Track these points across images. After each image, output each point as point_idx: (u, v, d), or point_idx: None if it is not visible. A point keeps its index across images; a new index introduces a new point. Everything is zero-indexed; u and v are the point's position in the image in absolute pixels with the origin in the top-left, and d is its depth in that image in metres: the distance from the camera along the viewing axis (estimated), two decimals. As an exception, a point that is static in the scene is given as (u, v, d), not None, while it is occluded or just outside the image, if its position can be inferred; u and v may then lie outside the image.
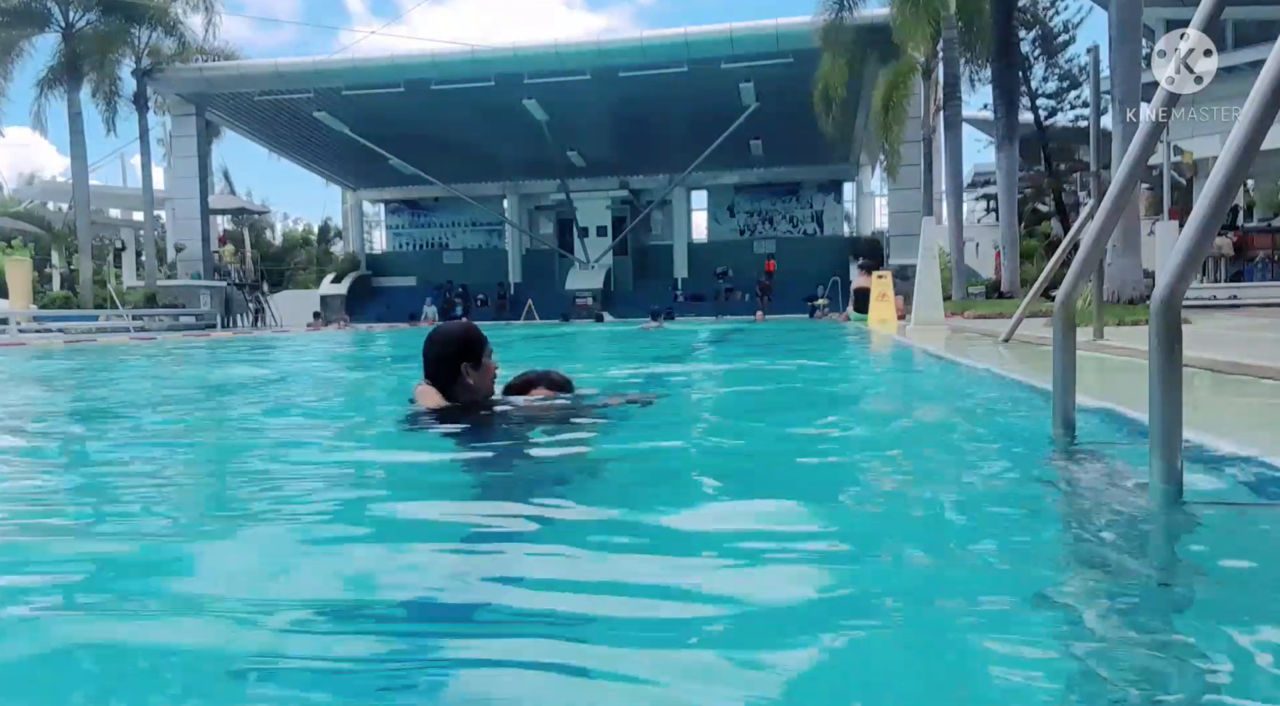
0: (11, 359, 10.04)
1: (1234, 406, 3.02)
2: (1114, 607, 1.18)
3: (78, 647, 1.12)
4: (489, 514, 1.85)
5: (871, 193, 32.23)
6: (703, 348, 9.96)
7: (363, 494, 2.13)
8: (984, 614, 1.19)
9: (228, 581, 1.38)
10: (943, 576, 1.37)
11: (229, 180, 39.10)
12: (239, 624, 1.18)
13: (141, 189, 24.33)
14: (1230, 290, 14.50)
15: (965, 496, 1.95)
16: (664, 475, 2.24)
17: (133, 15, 22.05)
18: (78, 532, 1.80)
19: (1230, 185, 1.49)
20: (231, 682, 1.01)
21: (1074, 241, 6.31)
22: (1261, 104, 1.44)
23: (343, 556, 1.53)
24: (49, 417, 4.21)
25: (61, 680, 1.03)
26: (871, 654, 1.06)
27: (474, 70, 22.64)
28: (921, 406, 3.99)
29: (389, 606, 1.27)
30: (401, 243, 34.33)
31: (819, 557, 1.48)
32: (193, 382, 6.32)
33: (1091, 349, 5.38)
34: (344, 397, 5.08)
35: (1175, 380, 1.53)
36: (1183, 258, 1.54)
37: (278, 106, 24.52)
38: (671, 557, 1.46)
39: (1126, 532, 1.54)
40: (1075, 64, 26.10)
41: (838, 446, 2.77)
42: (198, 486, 2.34)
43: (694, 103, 23.47)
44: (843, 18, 19.00)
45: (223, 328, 22.18)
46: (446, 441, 2.82)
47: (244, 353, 10.96)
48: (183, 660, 1.07)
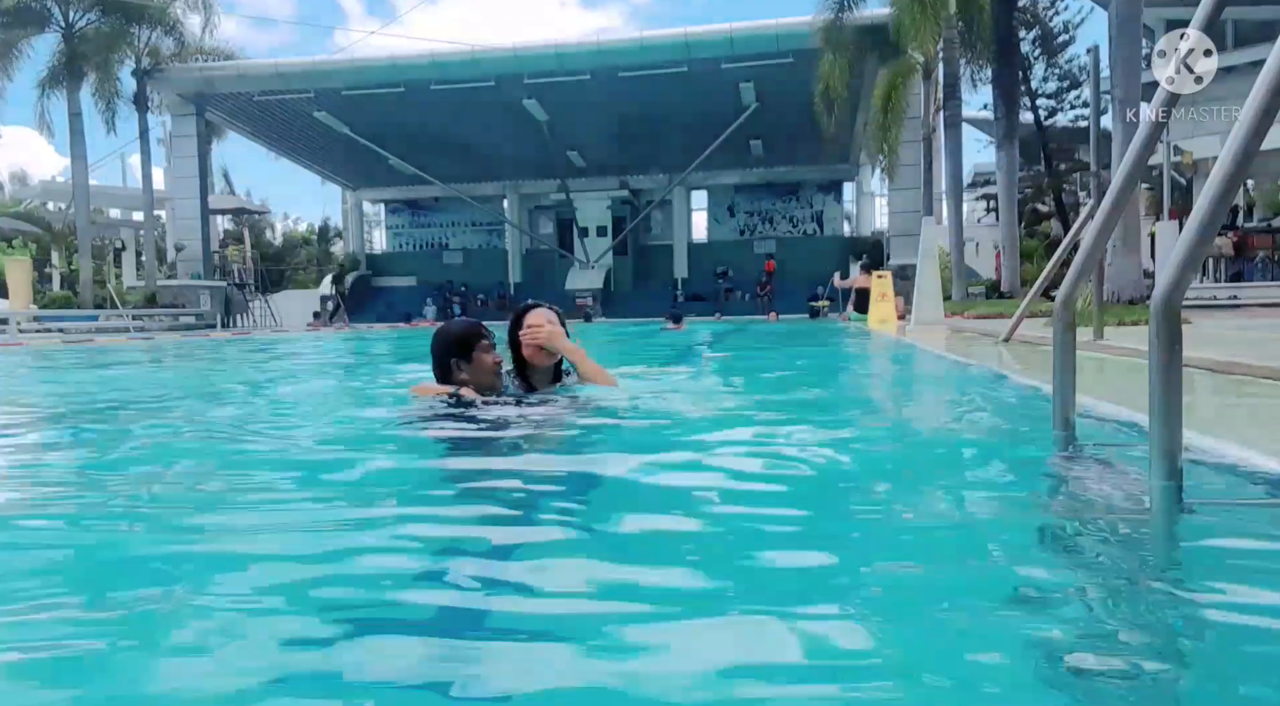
0: (11, 359, 10.04)
1: (1234, 406, 3.02)
2: (1114, 607, 1.18)
3: (70, 646, 1.12)
4: (459, 507, 1.85)
5: (871, 193, 32.24)
6: (703, 347, 9.96)
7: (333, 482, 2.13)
8: (983, 613, 1.19)
9: (225, 578, 1.38)
10: (941, 576, 1.37)
11: (229, 180, 39.13)
12: (237, 622, 1.18)
13: (141, 189, 24.32)
14: (1230, 290, 14.50)
15: (964, 496, 1.95)
16: (661, 475, 2.24)
17: (133, 15, 22.04)
18: (74, 532, 1.80)
19: (1230, 185, 1.49)
20: (234, 680, 1.01)
21: (1074, 241, 6.31)
22: (1261, 104, 1.44)
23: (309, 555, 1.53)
24: (43, 417, 4.21)
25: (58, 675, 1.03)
26: (871, 653, 1.06)
27: (474, 71, 22.64)
28: (921, 406, 3.99)
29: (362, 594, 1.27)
30: (401, 242, 34.34)
31: (818, 556, 1.48)
32: (191, 382, 6.32)
33: (1091, 349, 5.38)
34: (335, 394, 5.08)
35: (1175, 380, 1.53)
36: (1183, 258, 1.54)
37: (278, 106, 24.51)
38: (664, 557, 1.46)
39: (1126, 532, 1.54)
40: (1075, 64, 26.08)
41: (836, 446, 2.77)
42: (184, 486, 2.34)
43: (694, 103, 23.46)
44: (843, 18, 18.99)
45: (223, 328, 22.17)
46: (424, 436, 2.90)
47: (244, 353, 10.96)
48: (185, 659, 1.07)
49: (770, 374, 5.96)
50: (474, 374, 3.09)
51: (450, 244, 33.76)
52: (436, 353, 3.15)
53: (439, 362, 3.14)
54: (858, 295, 15.90)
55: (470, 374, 3.09)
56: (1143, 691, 0.92)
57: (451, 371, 3.09)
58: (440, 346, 3.14)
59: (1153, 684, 0.93)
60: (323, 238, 44.35)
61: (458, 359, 3.09)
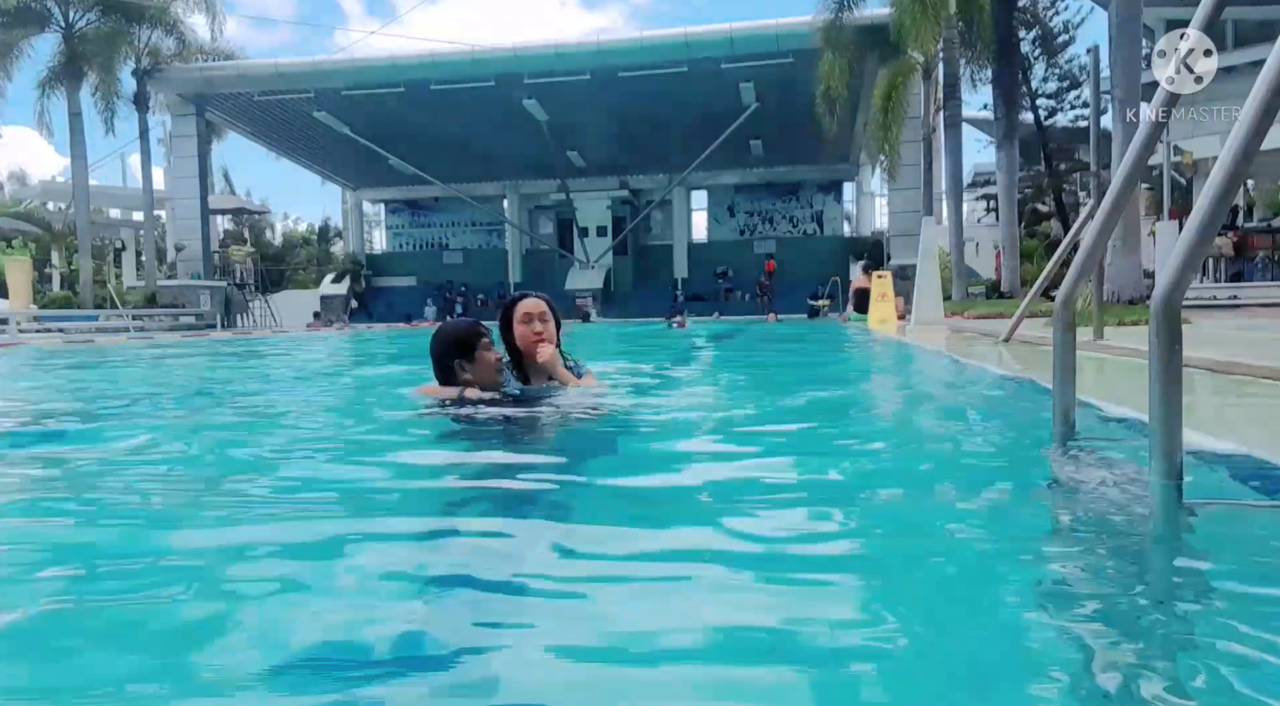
0: (12, 360, 10.04)
1: (1234, 406, 3.02)
2: (1114, 606, 1.18)
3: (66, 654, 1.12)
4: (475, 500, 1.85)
5: (871, 193, 32.27)
6: (703, 346, 9.96)
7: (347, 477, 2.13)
8: (982, 613, 1.19)
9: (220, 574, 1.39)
10: (941, 575, 1.38)
11: (229, 180, 39.15)
12: (235, 621, 1.18)
13: (141, 189, 24.33)
14: (1230, 290, 14.50)
15: (965, 496, 1.95)
16: (657, 473, 2.24)
17: (133, 15, 22.04)
18: (71, 529, 1.80)
19: (1230, 185, 1.49)
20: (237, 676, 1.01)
21: (1074, 241, 6.31)
22: (1261, 104, 1.44)
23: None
24: (43, 417, 4.21)
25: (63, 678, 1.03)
26: (868, 653, 1.06)
27: (474, 70, 22.65)
28: (921, 406, 3.99)
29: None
30: (401, 242, 34.34)
31: (816, 556, 1.48)
32: (188, 382, 6.32)
33: (1091, 349, 5.38)
34: (337, 393, 5.08)
35: (1175, 380, 1.53)
36: (1183, 258, 1.55)
37: (278, 106, 24.53)
38: (664, 559, 1.46)
39: (1127, 532, 1.54)
40: (1075, 64, 26.09)
41: (836, 446, 2.77)
42: (188, 486, 2.34)
43: (694, 103, 23.47)
44: (843, 17, 19.01)
45: (223, 328, 22.18)
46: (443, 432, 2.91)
47: (243, 353, 10.96)
48: (184, 660, 1.07)
49: (769, 373, 5.96)
50: (477, 373, 3.13)
51: (450, 244, 33.77)
52: (438, 354, 3.17)
53: (441, 364, 3.16)
54: (857, 295, 15.93)
55: (474, 373, 3.13)
56: (1143, 690, 0.92)
57: (455, 372, 3.12)
58: (441, 348, 3.16)
59: (1152, 682, 0.93)
60: (323, 238, 44.38)
61: (460, 359, 3.12)
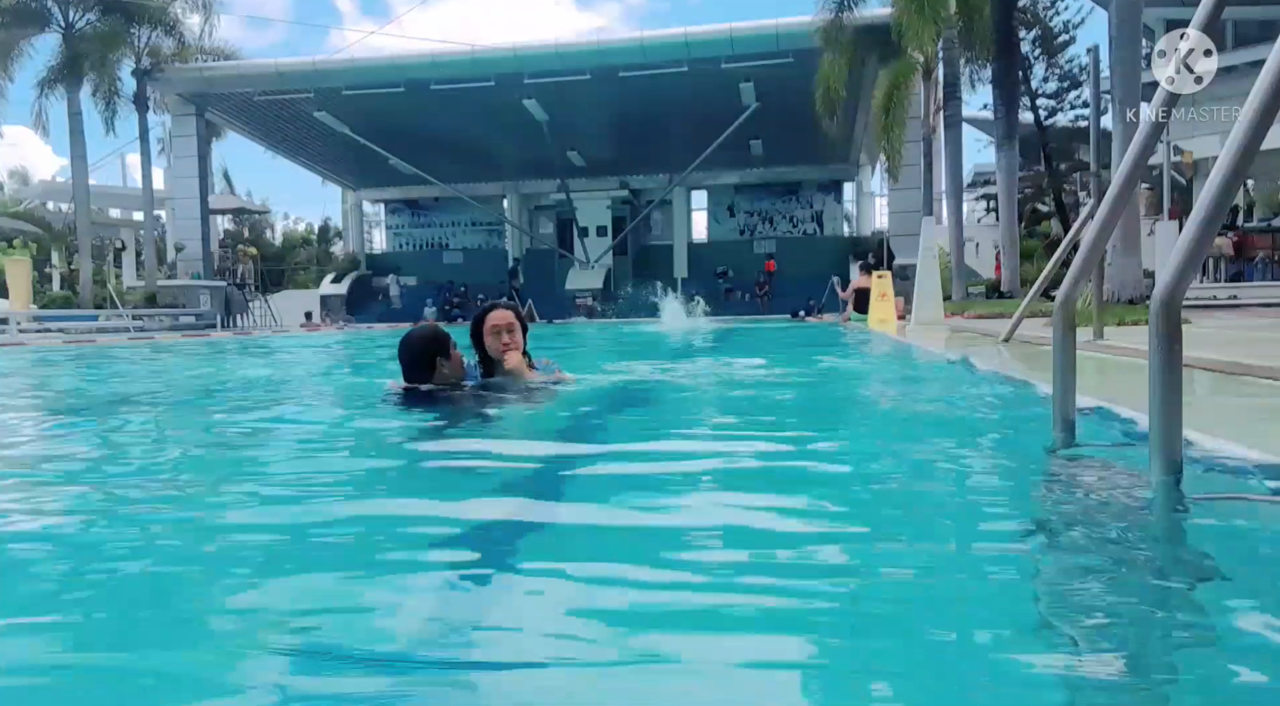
0: (12, 361, 10.03)
1: (1234, 406, 3.02)
2: (1114, 605, 1.19)
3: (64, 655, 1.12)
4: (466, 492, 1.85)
5: (871, 193, 32.24)
6: (703, 346, 9.95)
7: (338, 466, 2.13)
8: (982, 612, 1.19)
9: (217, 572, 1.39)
10: (941, 575, 1.38)
11: (229, 180, 39.12)
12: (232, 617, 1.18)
13: (141, 189, 24.32)
14: (1230, 290, 14.51)
15: (965, 496, 1.95)
16: (655, 471, 2.24)
17: (132, 15, 22.03)
18: (73, 532, 1.80)
19: (1230, 185, 1.49)
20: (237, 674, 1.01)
21: (1074, 241, 6.31)
22: (1261, 104, 1.44)
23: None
24: (42, 416, 4.21)
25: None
26: (868, 652, 1.06)
27: (474, 70, 22.63)
28: (921, 406, 3.99)
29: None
30: (401, 242, 34.31)
31: (816, 556, 1.48)
32: (187, 382, 6.32)
33: (1091, 349, 5.38)
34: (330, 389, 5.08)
35: (1175, 380, 1.53)
36: (1183, 258, 1.55)
37: (278, 106, 24.51)
38: (657, 554, 1.46)
39: (1127, 531, 1.54)
40: (1075, 64, 26.11)
41: (835, 446, 2.77)
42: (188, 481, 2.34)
43: (694, 103, 23.44)
44: (843, 17, 19.00)
45: (223, 328, 22.17)
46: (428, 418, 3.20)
47: (244, 353, 10.96)
48: (183, 657, 1.07)
49: (769, 373, 5.96)
50: (453, 368, 3.52)
51: (450, 244, 33.73)
52: (418, 352, 3.47)
53: (421, 361, 3.46)
54: (857, 295, 15.90)
55: (450, 369, 3.51)
56: (1143, 689, 0.92)
57: (436, 367, 3.47)
58: (421, 345, 3.48)
59: (1153, 681, 0.94)
60: (323, 238, 44.37)
61: (440, 357, 3.47)
